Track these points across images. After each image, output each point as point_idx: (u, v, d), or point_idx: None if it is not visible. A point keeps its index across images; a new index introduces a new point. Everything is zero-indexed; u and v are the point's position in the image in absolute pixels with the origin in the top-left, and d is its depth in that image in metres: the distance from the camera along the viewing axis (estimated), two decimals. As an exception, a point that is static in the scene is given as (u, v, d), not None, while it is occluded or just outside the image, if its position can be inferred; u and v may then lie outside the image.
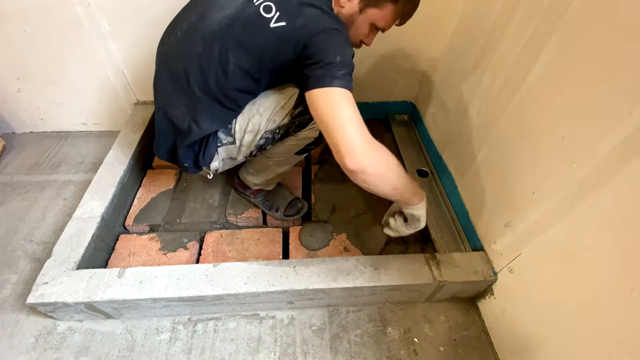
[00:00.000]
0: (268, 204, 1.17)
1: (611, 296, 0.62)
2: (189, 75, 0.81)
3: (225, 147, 0.91)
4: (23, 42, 1.23)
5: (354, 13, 0.81)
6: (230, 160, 0.96)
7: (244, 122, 0.88)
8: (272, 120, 0.87)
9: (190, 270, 0.92)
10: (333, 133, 0.69)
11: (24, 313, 0.99)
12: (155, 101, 0.93)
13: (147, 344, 0.94)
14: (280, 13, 0.74)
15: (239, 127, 0.89)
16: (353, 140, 0.68)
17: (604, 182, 0.62)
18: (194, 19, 0.83)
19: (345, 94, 0.70)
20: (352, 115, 0.69)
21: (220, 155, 0.93)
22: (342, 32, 0.76)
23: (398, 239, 1.14)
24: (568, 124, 0.70)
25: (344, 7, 0.81)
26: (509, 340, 0.91)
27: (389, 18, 0.82)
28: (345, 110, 0.69)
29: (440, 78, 1.33)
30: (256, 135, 0.89)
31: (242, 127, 0.89)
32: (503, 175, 0.92)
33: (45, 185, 1.33)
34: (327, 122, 0.69)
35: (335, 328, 0.98)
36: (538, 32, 0.77)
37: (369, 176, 0.71)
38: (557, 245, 0.73)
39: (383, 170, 0.73)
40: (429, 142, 1.40)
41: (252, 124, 0.87)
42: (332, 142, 0.70)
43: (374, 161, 0.70)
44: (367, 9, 0.80)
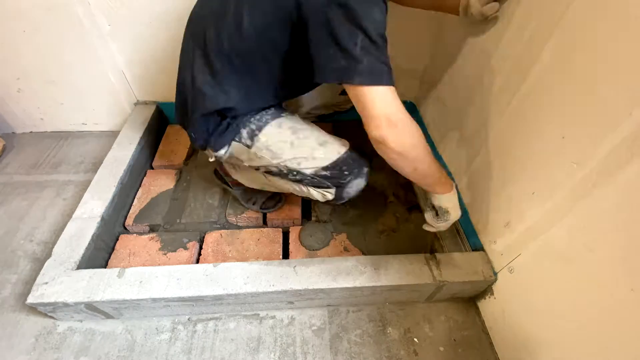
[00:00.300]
0: (246, 197, 1.17)
1: (611, 296, 0.62)
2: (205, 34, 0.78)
3: (240, 144, 0.87)
4: (23, 42, 1.23)
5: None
6: (236, 158, 0.93)
7: (272, 138, 0.85)
8: (297, 162, 0.83)
9: (190, 270, 0.92)
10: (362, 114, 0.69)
11: (24, 313, 0.99)
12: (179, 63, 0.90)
13: (147, 344, 0.94)
14: None
15: (264, 138, 0.85)
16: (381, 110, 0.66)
17: (604, 182, 0.62)
18: None
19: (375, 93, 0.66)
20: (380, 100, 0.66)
21: (231, 148, 0.89)
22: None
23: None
24: (568, 124, 0.70)
25: None
26: (509, 340, 0.91)
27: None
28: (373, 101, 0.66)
29: (440, 78, 1.32)
30: (273, 159, 0.85)
31: (266, 141, 0.85)
32: (503, 175, 0.91)
33: (45, 185, 1.33)
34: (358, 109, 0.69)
35: (335, 328, 0.98)
36: (538, 32, 0.77)
37: (390, 150, 0.70)
38: (557, 246, 0.73)
39: (406, 147, 0.70)
40: (429, 142, 1.39)
41: (277, 147, 0.84)
42: (361, 113, 0.69)
43: (397, 135, 0.68)
44: None
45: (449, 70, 1.25)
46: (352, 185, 0.85)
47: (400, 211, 1.24)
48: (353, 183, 0.84)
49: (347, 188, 0.85)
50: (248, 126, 0.86)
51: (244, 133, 0.86)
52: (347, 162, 0.83)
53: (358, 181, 0.85)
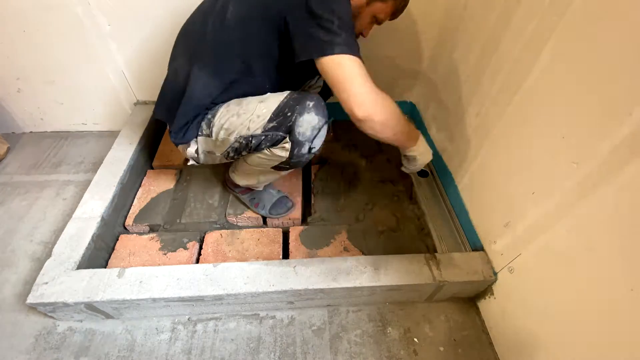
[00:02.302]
0: (254, 201, 1.18)
1: (611, 296, 0.62)
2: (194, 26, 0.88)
3: (204, 138, 0.93)
4: (23, 42, 1.23)
5: (362, 5, 0.85)
6: (210, 155, 0.98)
7: (223, 118, 0.89)
8: (246, 126, 0.86)
9: (190, 270, 0.92)
10: (341, 92, 0.76)
11: (23, 313, 0.99)
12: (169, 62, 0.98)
13: (147, 344, 0.94)
14: None
15: (217, 122, 0.90)
16: (360, 94, 0.76)
17: (604, 182, 0.62)
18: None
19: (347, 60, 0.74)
20: (358, 74, 0.75)
21: (199, 145, 0.96)
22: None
23: None
24: (568, 124, 0.70)
25: None
26: (509, 340, 0.91)
27: (389, 12, 0.89)
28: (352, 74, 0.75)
29: (440, 78, 1.32)
30: (230, 135, 0.89)
31: (220, 123, 0.90)
32: (503, 175, 0.92)
33: (45, 185, 1.33)
34: (335, 85, 0.77)
35: (335, 328, 0.98)
36: (538, 32, 0.77)
37: (375, 123, 0.80)
38: (557, 245, 0.73)
39: (387, 117, 0.81)
40: (429, 142, 1.40)
41: (229, 123, 0.88)
42: (341, 98, 0.77)
43: (380, 109, 0.79)
44: (374, 2, 0.85)
45: (449, 70, 1.25)
46: (301, 123, 0.81)
47: (401, 210, 1.24)
48: (300, 121, 0.81)
49: (298, 128, 0.82)
50: (206, 118, 0.92)
51: (203, 125, 0.92)
52: (288, 104, 0.83)
53: (305, 117, 0.81)
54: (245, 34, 0.82)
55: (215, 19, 0.83)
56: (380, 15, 0.88)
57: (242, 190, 1.17)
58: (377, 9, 0.87)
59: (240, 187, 1.15)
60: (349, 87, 0.75)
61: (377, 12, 0.87)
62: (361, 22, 0.89)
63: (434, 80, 1.37)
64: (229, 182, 1.18)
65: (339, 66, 0.74)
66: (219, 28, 0.83)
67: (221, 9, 0.83)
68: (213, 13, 0.84)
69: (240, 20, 0.82)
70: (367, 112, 0.77)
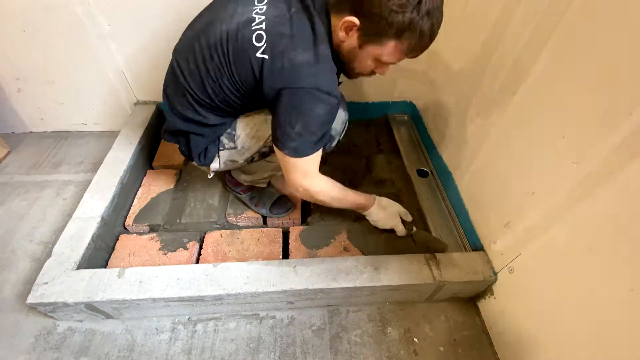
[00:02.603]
0: (254, 201, 1.18)
1: (611, 296, 0.62)
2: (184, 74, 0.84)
3: (228, 151, 0.95)
4: (23, 42, 1.23)
5: (354, 48, 0.77)
6: (232, 163, 0.98)
7: (247, 127, 0.90)
8: None
9: (190, 270, 0.92)
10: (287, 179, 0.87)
11: (23, 313, 0.99)
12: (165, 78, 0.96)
13: (147, 344, 0.94)
14: (267, 45, 0.73)
15: (243, 132, 0.91)
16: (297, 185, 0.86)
17: (604, 182, 0.62)
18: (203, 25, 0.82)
19: (294, 162, 0.81)
20: (299, 172, 0.84)
21: (221, 158, 0.96)
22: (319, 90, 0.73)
23: None
24: (568, 123, 0.70)
25: (344, 40, 0.77)
26: (509, 340, 0.91)
27: (393, 53, 0.75)
28: (293, 170, 0.83)
29: (440, 78, 1.32)
30: (260, 141, 0.91)
31: (246, 133, 0.91)
32: (503, 175, 0.92)
33: (45, 185, 1.33)
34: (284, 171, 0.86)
35: (335, 328, 0.98)
36: (538, 32, 0.77)
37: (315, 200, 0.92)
38: (557, 245, 0.73)
39: (326, 200, 0.92)
40: (429, 142, 1.40)
41: (256, 129, 0.90)
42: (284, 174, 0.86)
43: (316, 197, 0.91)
44: (366, 46, 0.75)
45: (449, 70, 1.25)
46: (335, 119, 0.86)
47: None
48: None
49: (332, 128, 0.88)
50: (225, 132, 0.93)
51: (223, 140, 0.93)
52: None
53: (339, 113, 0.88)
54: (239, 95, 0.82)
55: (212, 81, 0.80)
56: (384, 57, 0.76)
57: (243, 189, 1.16)
58: (374, 52, 0.76)
59: (242, 186, 1.15)
60: (290, 177, 0.85)
61: (377, 55, 0.76)
62: (363, 65, 0.81)
63: (434, 80, 1.37)
64: (230, 182, 1.18)
65: (283, 161, 0.82)
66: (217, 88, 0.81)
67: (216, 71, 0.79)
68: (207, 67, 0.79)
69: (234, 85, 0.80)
70: (310, 198, 0.91)
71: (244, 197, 1.19)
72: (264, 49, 0.73)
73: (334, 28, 0.76)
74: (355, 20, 0.71)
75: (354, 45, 0.76)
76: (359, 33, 0.73)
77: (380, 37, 0.72)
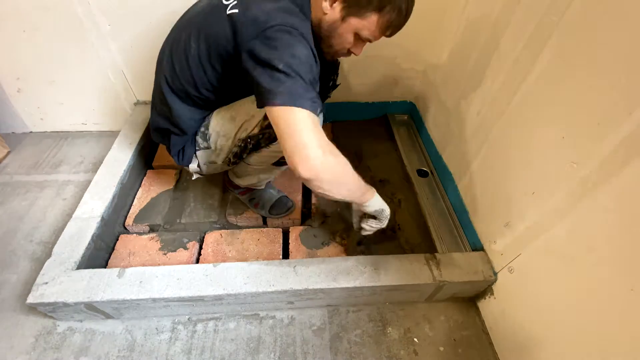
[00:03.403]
0: (254, 202, 1.17)
1: (611, 296, 0.62)
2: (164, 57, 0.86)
3: (203, 151, 0.95)
4: (23, 42, 1.23)
5: (336, 20, 0.77)
6: (211, 165, 0.99)
7: (218, 126, 0.90)
8: (243, 128, 0.87)
9: (190, 270, 0.92)
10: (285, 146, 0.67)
11: (24, 313, 0.99)
12: None
13: (147, 344, 0.94)
14: (238, 1, 0.74)
15: (214, 131, 0.91)
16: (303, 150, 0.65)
17: (604, 182, 0.62)
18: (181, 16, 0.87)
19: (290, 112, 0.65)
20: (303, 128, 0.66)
21: (200, 159, 0.97)
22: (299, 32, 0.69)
23: None
24: (568, 124, 0.70)
25: (327, 13, 0.77)
26: (509, 340, 0.91)
27: (374, 28, 0.76)
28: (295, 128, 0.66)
29: (440, 78, 1.33)
30: (228, 140, 0.90)
31: (216, 131, 0.91)
32: (503, 175, 0.92)
33: (45, 185, 1.33)
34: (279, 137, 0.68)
35: (335, 328, 0.98)
36: (538, 32, 0.77)
37: (323, 182, 0.70)
38: (557, 245, 0.73)
39: (336, 175, 0.72)
40: (429, 142, 1.40)
41: (225, 129, 0.89)
42: (285, 153, 0.68)
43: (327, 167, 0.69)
44: (349, 18, 0.76)
45: (449, 70, 1.25)
46: None
47: (400, 210, 1.24)
48: None
49: None
50: (199, 132, 0.93)
51: (198, 140, 0.94)
52: None
53: None
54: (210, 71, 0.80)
55: (182, 59, 0.81)
56: (364, 32, 0.77)
57: (242, 191, 1.16)
58: (356, 26, 0.76)
59: (240, 188, 1.15)
60: (292, 142, 0.66)
61: (359, 29, 0.77)
62: (342, 40, 0.80)
63: (434, 80, 1.37)
64: (229, 183, 1.18)
65: (281, 119, 0.66)
66: (185, 68, 0.81)
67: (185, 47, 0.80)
68: (179, 52, 0.82)
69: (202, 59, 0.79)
70: (311, 170, 0.66)
71: (244, 198, 1.19)
72: (234, 4, 0.74)
73: (314, 3, 0.78)
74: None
75: (336, 17, 0.77)
76: (343, 5, 0.75)
77: (363, 8, 0.73)
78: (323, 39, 0.82)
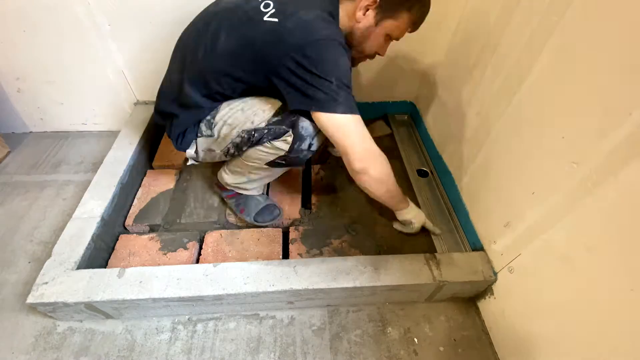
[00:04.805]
0: (240, 206, 1.14)
1: (611, 296, 0.62)
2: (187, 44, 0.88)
3: (205, 138, 0.96)
4: (23, 41, 1.23)
5: (370, 26, 0.84)
6: (209, 152, 0.99)
7: (226, 114, 0.91)
8: (250, 120, 0.88)
9: (190, 270, 0.92)
10: (343, 147, 0.80)
11: (23, 313, 0.99)
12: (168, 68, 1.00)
13: (147, 344, 0.94)
14: (276, 10, 0.76)
15: (220, 120, 0.92)
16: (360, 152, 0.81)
17: (604, 182, 0.62)
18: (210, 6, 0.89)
19: (350, 119, 0.77)
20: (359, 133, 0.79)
21: (199, 146, 0.98)
22: (339, 42, 0.76)
23: None
24: (568, 124, 0.70)
25: (360, 21, 0.83)
26: (509, 340, 0.91)
27: (404, 27, 0.85)
28: (352, 133, 0.79)
29: (440, 78, 1.33)
30: (233, 130, 0.91)
31: (223, 120, 0.91)
32: (503, 175, 0.92)
33: (45, 185, 1.33)
34: (336, 140, 0.80)
35: (335, 328, 0.98)
36: (538, 32, 0.77)
37: (371, 177, 0.85)
38: (557, 245, 0.73)
39: (382, 175, 0.87)
40: (429, 142, 1.40)
41: (232, 118, 0.90)
42: (342, 151, 0.81)
43: (378, 166, 0.85)
44: (383, 22, 0.83)
45: (449, 70, 1.25)
46: (305, 118, 0.83)
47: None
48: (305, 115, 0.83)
49: (302, 123, 0.84)
50: (204, 120, 0.93)
51: (202, 127, 0.94)
52: None
53: None
54: (234, 69, 0.83)
55: (207, 46, 0.83)
56: (395, 32, 0.86)
57: (228, 194, 1.15)
58: (389, 28, 0.84)
59: (228, 191, 1.14)
60: (350, 145, 0.79)
61: (390, 30, 0.85)
62: (373, 43, 0.88)
63: (434, 80, 1.37)
64: (217, 184, 1.17)
65: (340, 126, 0.77)
66: (210, 56, 0.83)
67: (213, 36, 0.82)
68: (206, 37, 0.84)
69: (230, 55, 0.81)
70: (364, 166, 0.82)
71: (230, 202, 1.17)
72: (272, 13, 0.76)
73: (344, 15, 0.83)
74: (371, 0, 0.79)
75: (369, 24, 0.83)
76: (377, 10, 0.81)
77: (396, 10, 0.81)
78: (354, 45, 0.88)
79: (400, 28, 0.85)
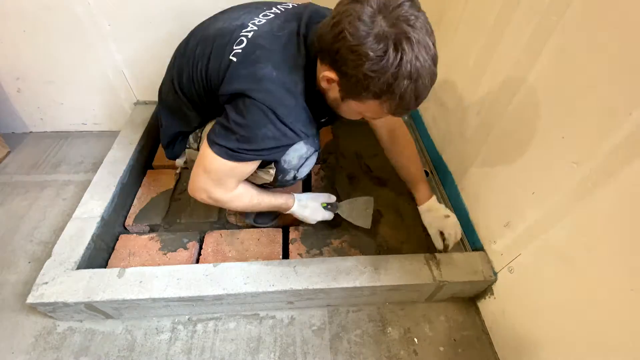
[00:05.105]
0: None
1: (611, 296, 0.62)
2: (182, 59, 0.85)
3: (191, 150, 0.97)
4: (23, 42, 1.23)
5: (336, 99, 0.73)
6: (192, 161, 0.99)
7: None
8: None
9: (190, 270, 0.92)
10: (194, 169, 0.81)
11: (23, 313, 0.99)
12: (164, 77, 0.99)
13: (147, 344, 0.94)
14: (243, 51, 0.73)
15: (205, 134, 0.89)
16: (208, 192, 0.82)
17: (604, 182, 0.62)
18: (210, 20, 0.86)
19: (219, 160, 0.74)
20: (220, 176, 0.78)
21: (188, 157, 0.99)
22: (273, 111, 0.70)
23: None
24: (568, 124, 0.70)
25: (326, 92, 0.74)
26: (509, 340, 0.91)
27: (375, 111, 0.71)
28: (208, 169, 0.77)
29: (440, 78, 1.32)
30: None
31: None
32: (503, 175, 0.91)
33: (45, 185, 1.33)
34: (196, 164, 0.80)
35: (335, 328, 0.98)
36: (538, 32, 0.77)
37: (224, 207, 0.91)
38: (557, 246, 0.73)
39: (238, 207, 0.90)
40: (429, 142, 1.40)
41: None
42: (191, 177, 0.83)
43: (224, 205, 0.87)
44: (348, 100, 0.71)
45: (449, 70, 1.25)
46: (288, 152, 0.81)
47: (401, 210, 1.24)
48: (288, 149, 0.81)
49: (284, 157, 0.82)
50: (194, 133, 0.95)
51: (190, 139, 0.96)
52: None
53: (294, 146, 0.81)
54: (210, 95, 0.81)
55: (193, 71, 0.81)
56: (367, 114, 0.73)
57: None
58: (356, 108, 0.72)
59: None
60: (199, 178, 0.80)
61: (359, 111, 0.73)
62: (347, 114, 0.78)
63: (434, 80, 1.37)
64: None
65: (203, 155, 0.77)
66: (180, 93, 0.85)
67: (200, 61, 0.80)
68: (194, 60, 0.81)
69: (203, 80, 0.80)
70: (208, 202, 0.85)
71: None
72: (238, 53, 0.73)
73: (318, 72, 0.72)
74: (333, 75, 0.67)
75: (336, 96, 0.72)
76: (339, 87, 0.69)
77: (359, 95, 0.67)
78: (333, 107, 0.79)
79: (372, 111, 0.71)
